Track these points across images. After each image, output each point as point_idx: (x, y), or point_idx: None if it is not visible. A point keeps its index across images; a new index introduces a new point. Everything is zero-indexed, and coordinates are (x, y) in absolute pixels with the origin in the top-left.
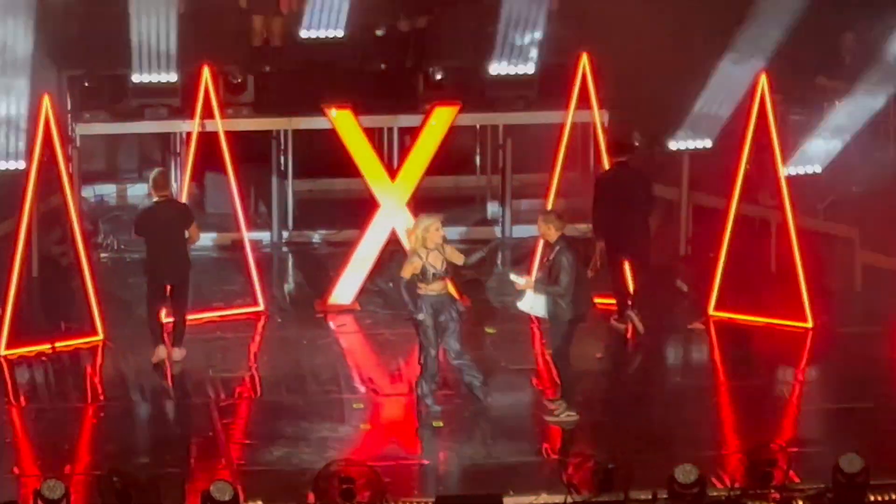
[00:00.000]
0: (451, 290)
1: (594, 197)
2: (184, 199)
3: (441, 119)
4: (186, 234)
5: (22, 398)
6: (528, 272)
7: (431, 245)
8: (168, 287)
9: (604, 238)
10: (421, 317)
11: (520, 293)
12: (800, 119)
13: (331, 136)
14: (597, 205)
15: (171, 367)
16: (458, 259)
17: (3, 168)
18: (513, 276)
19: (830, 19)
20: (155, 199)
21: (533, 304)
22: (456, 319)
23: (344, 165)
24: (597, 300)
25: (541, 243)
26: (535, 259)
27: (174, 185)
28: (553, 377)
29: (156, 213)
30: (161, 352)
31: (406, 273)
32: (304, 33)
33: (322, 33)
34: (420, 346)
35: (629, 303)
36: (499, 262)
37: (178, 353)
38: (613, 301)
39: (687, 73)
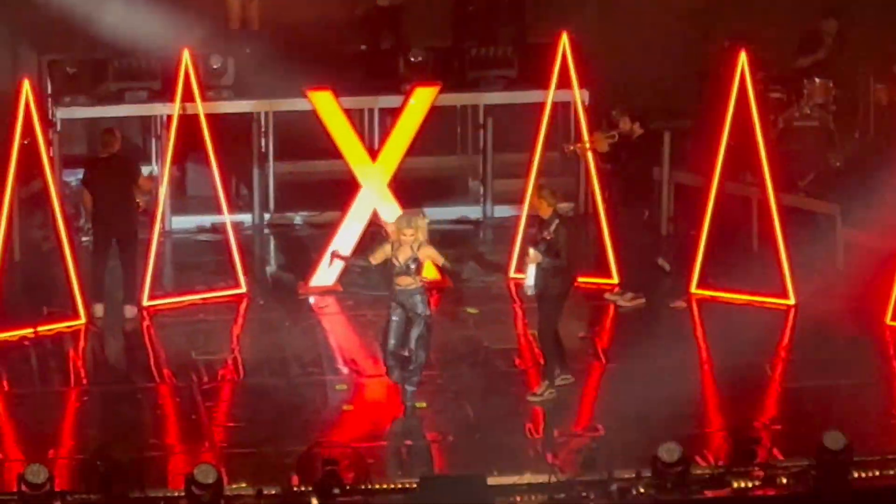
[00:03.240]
0: (417, 283)
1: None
2: (165, 182)
3: (421, 99)
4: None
5: (5, 383)
6: (510, 251)
7: (406, 242)
8: (114, 241)
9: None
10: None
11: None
12: (780, 97)
13: (312, 117)
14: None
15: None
16: (438, 260)
17: None
18: (531, 251)
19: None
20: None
21: (531, 281)
22: (421, 317)
23: (325, 147)
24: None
25: (521, 221)
26: (517, 238)
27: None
28: (535, 357)
29: (99, 167)
30: (98, 310)
31: (374, 259)
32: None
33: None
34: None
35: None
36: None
37: (129, 311)
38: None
39: (667, 53)
